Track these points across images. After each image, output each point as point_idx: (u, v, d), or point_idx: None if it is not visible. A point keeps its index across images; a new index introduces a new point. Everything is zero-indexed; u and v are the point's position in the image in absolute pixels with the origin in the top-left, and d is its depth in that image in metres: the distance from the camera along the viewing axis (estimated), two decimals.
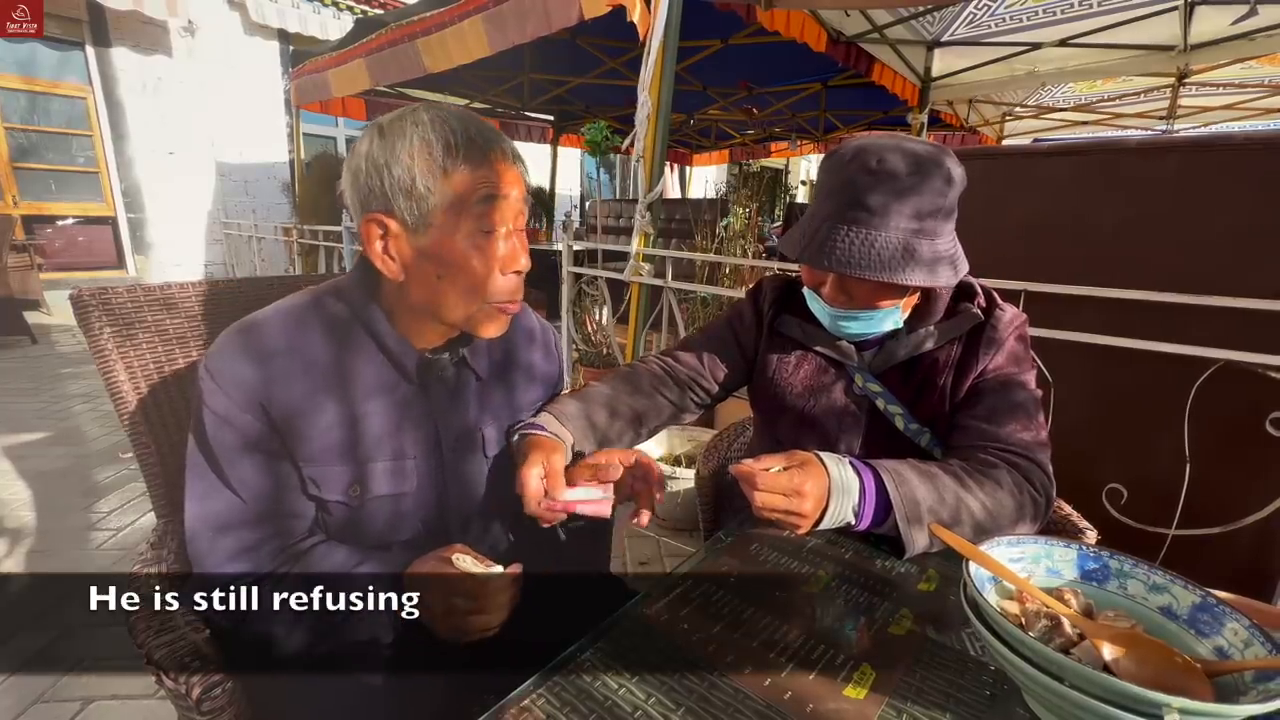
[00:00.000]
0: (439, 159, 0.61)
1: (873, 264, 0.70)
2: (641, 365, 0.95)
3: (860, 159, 0.71)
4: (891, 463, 0.69)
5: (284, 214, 6.92)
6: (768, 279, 0.97)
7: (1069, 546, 0.51)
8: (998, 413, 0.76)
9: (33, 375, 3.82)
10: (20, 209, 5.85)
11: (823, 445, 0.86)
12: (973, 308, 0.81)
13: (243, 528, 0.63)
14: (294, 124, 5.91)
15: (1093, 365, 1.56)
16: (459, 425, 0.73)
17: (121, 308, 0.89)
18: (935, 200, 0.71)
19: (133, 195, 6.37)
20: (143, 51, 6.15)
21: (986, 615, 0.44)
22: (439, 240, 0.63)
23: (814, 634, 0.53)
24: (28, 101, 5.83)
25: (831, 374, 0.87)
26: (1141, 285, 1.47)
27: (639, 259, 2.62)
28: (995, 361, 0.79)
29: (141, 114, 6.24)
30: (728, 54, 4.21)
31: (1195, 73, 3.97)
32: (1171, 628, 0.46)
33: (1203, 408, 1.42)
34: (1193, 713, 0.34)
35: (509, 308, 0.68)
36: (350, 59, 4.18)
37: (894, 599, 0.59)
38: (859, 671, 0.48)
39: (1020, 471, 0.72)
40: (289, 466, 0.65)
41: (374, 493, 0.67)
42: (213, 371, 0.63)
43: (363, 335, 0.68)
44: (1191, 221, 1.47)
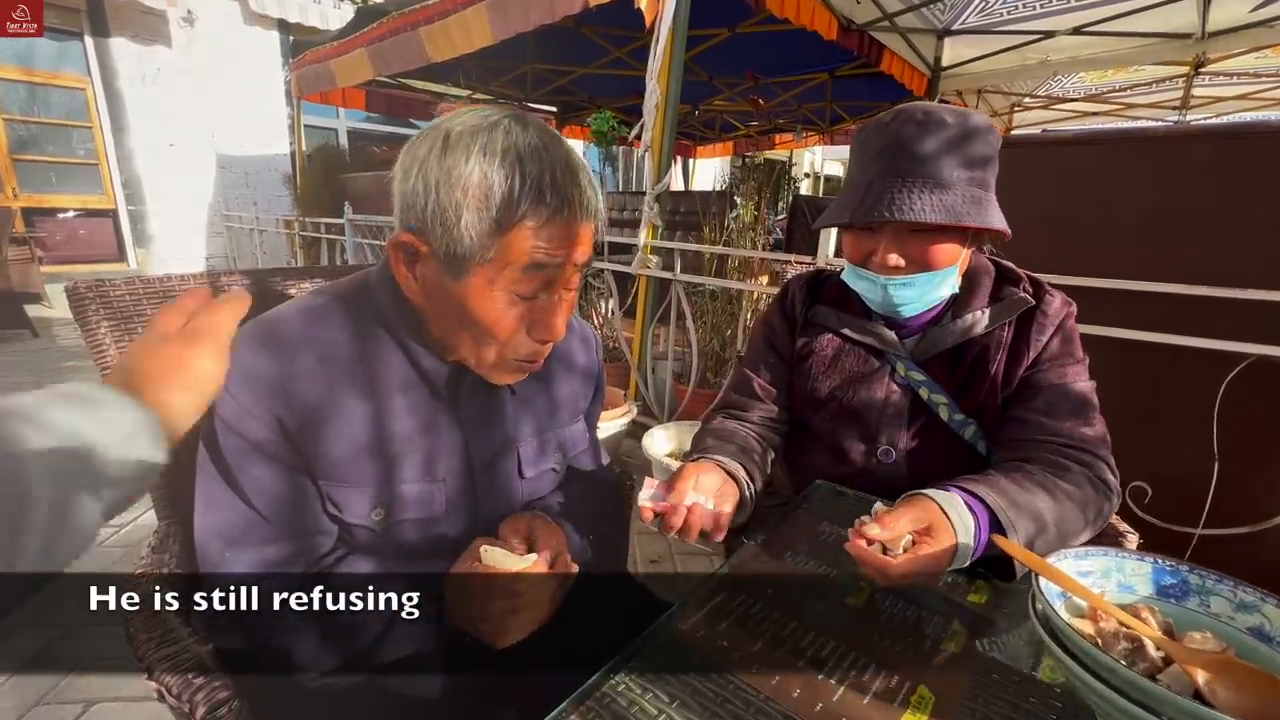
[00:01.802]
0: (496, 205, 0.51)
1: (933, 208, 0.68)
2: (734, 433, 0.88)
3: (904, 114, 0.71)
4: (992, 485, 0.62)
5: (285, 206, 6.87)
6: (793, 279, 0.95)
7: (1142, 560, 0.48)
8: (1057, 406, 0.73)
9: (34, 369, 3.79)
10: (20, 201, 5.81)
11: (863, 438, 0.83)
12: (1019, 292, 0.78)
13: (261, 544, 0.58)
14: (295, 115, 5.84)
15: (1117, 360, 1.51)
16: (493, 443, 0.67)
17: (119, 301, 0.84)
18: (983, 148, 0.71)
19: (133, 187, 6.33)
20: (142, 42, 6.08)
21: (1063, 636, 0.40)
22: (468, 291, 0.55)
23: (863, 651, 0.49)
24: (27, 93, 5.78)
25: (872, 364, 0.84)
26: (1168, 278, 1.43)
27: (647, 251, 2.57)
28: (1049, 349, 0.76)
29: (141, 105, 6.18)
30: (734, 43, 4.15)
31: (1212, 61, 3.90)
32: (1264, 650, 0.42)
33: (1232, 404, 1.39)
34: None
35: (529, 366, 0.61)
36: (352, 48, 4.12)
37: (944, 612, 0.55)
38: (916, 695, 0.45)
39: (1091, 471, 0.68)
40: (307, 481, 0.59)
41: (399, 517, 0.62)
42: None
43: (387, 342, 0.61)
44: (1222, 212, 1.42)
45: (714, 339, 2.69)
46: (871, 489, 0.80)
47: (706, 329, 2.67)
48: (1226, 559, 1.44)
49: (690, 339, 2.56)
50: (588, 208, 0.55)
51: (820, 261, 2.03)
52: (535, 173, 0.52)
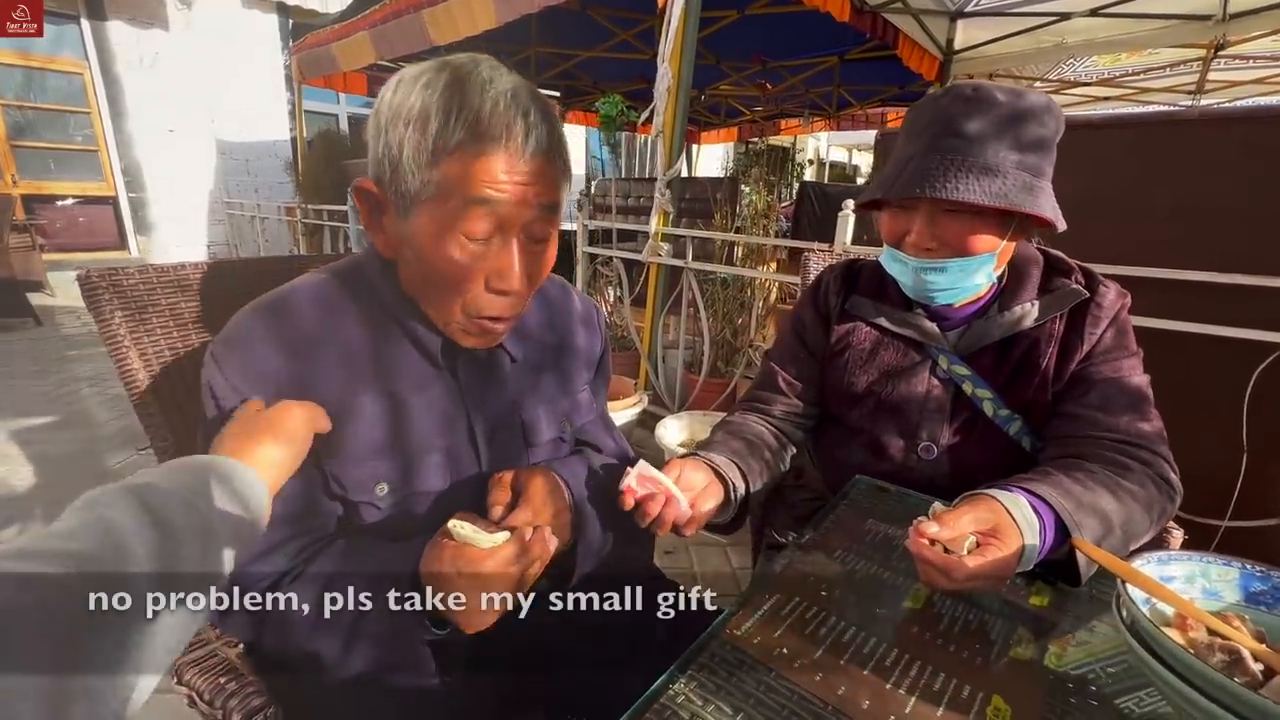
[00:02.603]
0: (431, 136, 0.50)
1: (972, 189, 0.64)
2: (745, 427, 0.86)
3: (954, 90, 0.68)
4: (1054, 485, 0.60)
5: (286, 193, 6.81)
6: (826, 270, 0.92)
7: (1228, 564, 0.45)
8: (1112, 401, 0.70)
9: (38, 358, 3.77)
10: (20, 188, 5.76)
11: (902, 434, 0.80)
12: (1070, 283, 0.75)
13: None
14: (296, 100, 5.76)
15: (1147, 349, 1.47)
16: (495, 413, 0.66)
17: (133, 290, 0.82)
18: (1037, 130, 0.67)
19: (133, 174, 6.27)
20: (139, 25, 5.99)
21: (1159, 646, 0.38)
22: (418, 231, 0.54)
23: (928, 658, 0.47)
24: (23, 77, 5.70)
25: (912, 357, 0.81)
26: (1199, 266, 1.40)
27: (658, 239, 2.53)
28: (1103, 342, 0.73)
29: (140, 90, 6.11)
30: (744, 25, 4.08)
31: (1232, 44, 3.82)
32: None
33: (1262, 395, 1.36)
34: None
35: (492, 326, 0.58)
36: (353, 31, 4.05)
37: (1008, 616, 0.53)
38: (991, 707, 0.43)
39: (1152, 469, 0.66)
40: (308, 462, 0.57)
41: (404, 491, 0.61)
42: (218, 356, 0.56)
43: (382, 315, 0.61)
44: (1255, 198, 1.38)
45: (725, 328, 2.65)
46: (912, 486, 0.78)
47: (718, 317, 2.63)
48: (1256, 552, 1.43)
49: (702, 328, 2.53)
50: (538, 142, 0.52)
51: (838, 249, 2.00)
52: (475, 101, 0.50)
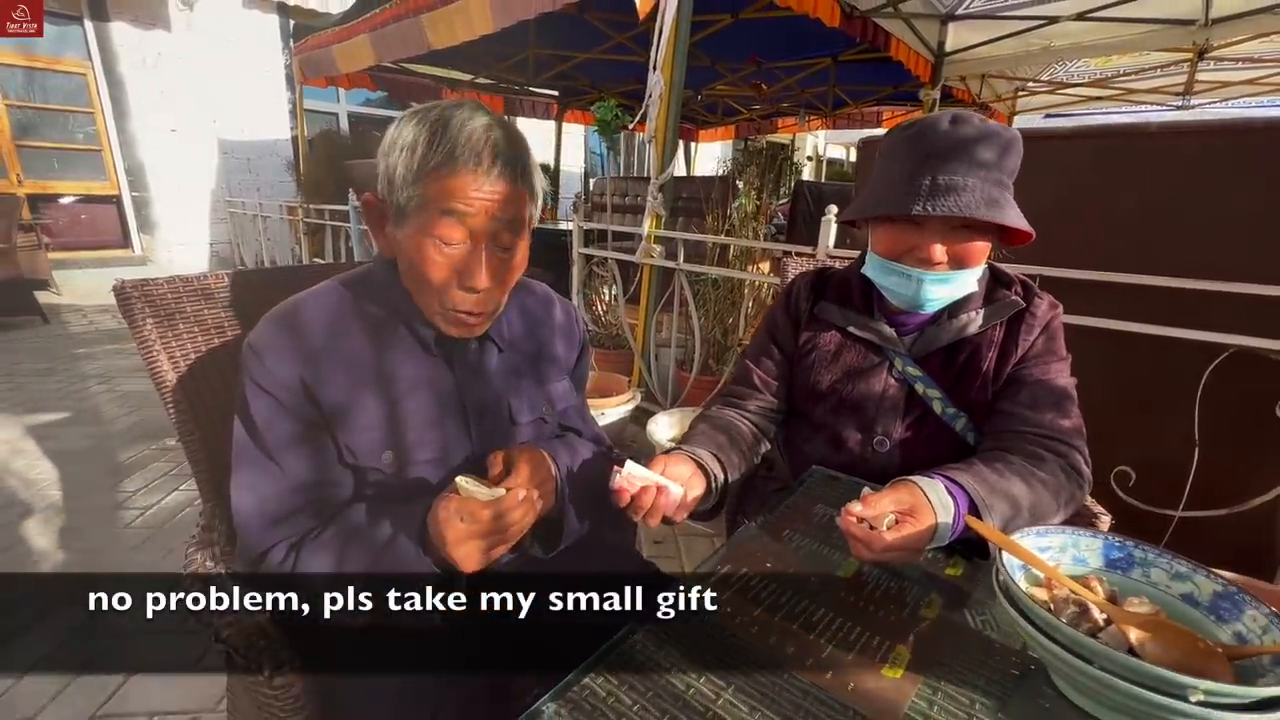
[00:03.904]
0: (418, 159, 0.64)
1: (989, 207, 0.72)
2: (722, 421, 0.94)
3: (959, 116, 0.76)
4: (973, 473, 0.69)
5: (288, 192, 6.88)
6: (798, 277, 1.00)
7: (1095, 536, 0.54)
8: (1039, 400, 0.80)
9: (48, 356, 3.86)
10: (25, 188, 5.84)
11: (861, 429, 0.89)
12: (1010, 294, 0.84)
13: (283, 495, 0.68)
14: (297, 100, 5.83)
15: (1106, 350, 1.57)
16: (484, 395, 0.78)
17: (162, 299, 0.91)
18: (1016, 160, 0.76)
19: (136, 173, 6.35)
20: (142, 26, 6.06)
21: (1018, 601, 0.47)
22: (407, 236, 0.67)
23: (850, 617, 0.56)
24: (27, 78, 5.77)
25: (871, 359, 0.90)
26: (1157, 271, 1.48)
27: (651, 240, 2.62)
28: (1034, 347, 0.82)
29: (142, 90, 6.18)
30: (737, 29, 4.14)
31: (1215, 48, 3.89)
32: (1193, 614, 0.49)
33: (1213, 392, 1.45)
34: (1217, 694, 0.37)
35: (467, 319, 0.70)
36: (354, 34, 4.12)
37: (923, 584, 0.62)
38: (894, 652, 0.52)
39: (1066, 460, 0.75)
40: (326, 437, 0.69)
41: (407, 459, 0.72)
42: (255, 347, 0.68)
43: (386, 312, 0.73)
44: (1208, 207, 1.47)
45: (716, 327, 2.74)
46: (867, 476, 0.87)
47: (709, 317, 2.72)
48: (1204, 540, 1.52)
49: (693, 326, 2.61)
50: (503, 167, 0.65)
51: (820, 253, 2.08)
52: (453, 133, 0.64)
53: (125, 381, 3.38)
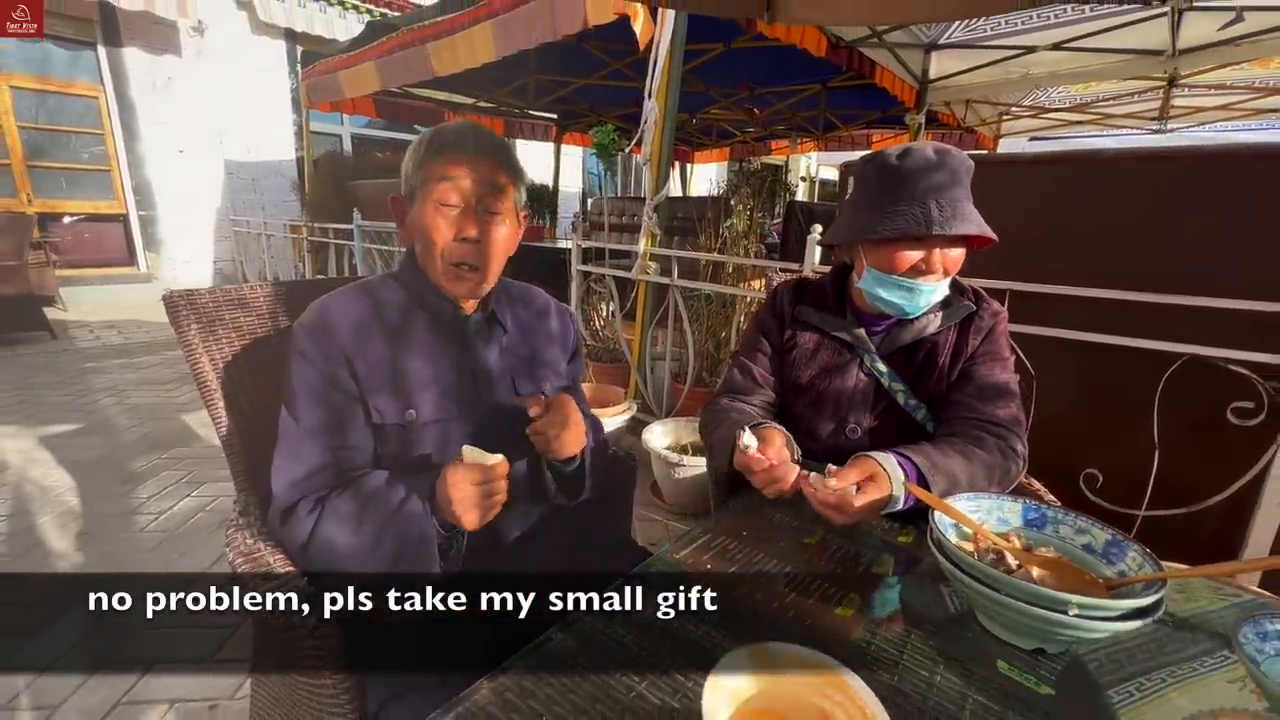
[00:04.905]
0: (421, 153, 0.84)
1: (978, 224, 0.85)
2: (724, 414, 1.02)
3: (912, 151, 0.87)
4: (921, 452, 0.80)
5: (291, 211, 7.03)
6: (782, 284, 1.12)
7: (1016, 501, 0.64)
8: (984, 392, 0.91)
9: (57, 370, 3.94)
10: (35, 207, 5.96)
11: (834, 419, 0.99)
12: (963, 300, 0.95)
13: (314, 454, 0.81)
14: (304, 123, 6.00)
15: (1073, 359, 1.68)
16: (490, 367, 0.92)
17: (205, 307, 1.01)
18: (969, 176, 0.88)
19: (144, 193, 6.48)
20: (153, 51, 6.25)
21: (947, 550, 0.57)
22: (417, 212, 0.84)
23: (812, 573, 0.66)
24: (41, 101, 5.93)
25: (845, 356, 1.00)
26: (1117, 286, 1.60)
27: (646, 258, 2.74)
28: (981, 347, 0.94)
29: (152, 113, 6.35)
30: (730, 57, 4.32)
31: (1184, 77, 4.08)
32: (1088, 559, 0.58)
33: (1171, 398, 1.55)
34: (1088, 607, 0.47)
35: (465, 274, 0.85)
36: (361, 61, 4.28)
37: (877, 548, 0.71)
38: (847, 597, 0.61)
39: (1005, 443, 0.86)
40: (357, 405, 0.83)
41: (424, 417, 0.85)
42: (306, 326, 0.83)
43: (409, 300, 0.89)
44: (1163, 226, 1.59)
45: (709, 341, 2.85)
46: (840, 462, 0.96)
47: (702, 331, 2.83)
48: (1167, 537, 1.61)
49: (687, 340, 2.72)
50: (482, 147, 0.84)
51: (807, 269, 2.20)
52: (445, 131, 0.85)
53: (135, 395, 3.46)
